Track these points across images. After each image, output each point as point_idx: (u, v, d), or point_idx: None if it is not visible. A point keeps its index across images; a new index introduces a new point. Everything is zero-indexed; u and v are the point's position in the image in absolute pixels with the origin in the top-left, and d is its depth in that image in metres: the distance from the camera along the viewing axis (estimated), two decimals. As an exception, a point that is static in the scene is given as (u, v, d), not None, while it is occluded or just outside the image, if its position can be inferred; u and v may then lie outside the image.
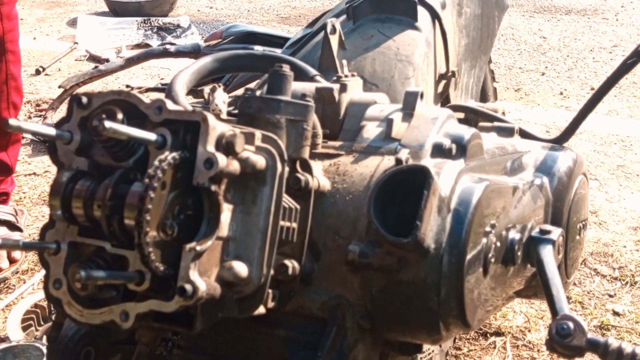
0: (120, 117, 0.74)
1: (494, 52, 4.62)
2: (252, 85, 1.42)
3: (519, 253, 1.03)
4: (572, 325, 0.90)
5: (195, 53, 2.99)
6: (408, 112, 1.01)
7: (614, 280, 2.19)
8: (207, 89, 1.16)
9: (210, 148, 0.72)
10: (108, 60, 4.38)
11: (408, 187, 0.85)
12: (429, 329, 0.92)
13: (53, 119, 3.35)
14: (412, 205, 0.84)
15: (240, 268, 0.76)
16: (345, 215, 0.91)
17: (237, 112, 0.92)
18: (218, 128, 0.73)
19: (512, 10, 6.10)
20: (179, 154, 0.71)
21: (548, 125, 3.58)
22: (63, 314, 0.78)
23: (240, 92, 2.34)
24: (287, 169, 0.80)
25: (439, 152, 0.96)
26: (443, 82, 1.55)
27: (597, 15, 6.20)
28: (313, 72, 1.16)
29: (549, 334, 0.91)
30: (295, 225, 0.86)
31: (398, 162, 0.90)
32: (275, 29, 4.20)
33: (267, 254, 0.78)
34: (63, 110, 3.42)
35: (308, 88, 1.05)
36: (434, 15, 1.50)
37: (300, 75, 1.14)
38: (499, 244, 0.99)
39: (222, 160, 0.72)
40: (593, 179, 2.86)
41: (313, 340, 0.91)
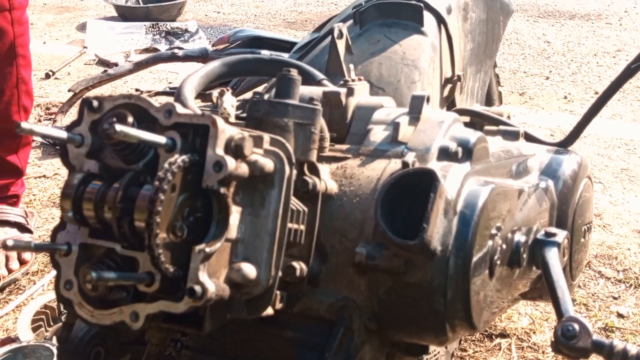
0: (131, 120, 0.75)
1: (499, 56, 4.62)
2: (260, 89, 1.43)
3: (525, 255, 1.04)
4: (577, 327, 0.90)
5: (203, 57, 2.99)
6: (414, 115, 1.01)
7: (618, 283, 2.19)
8: (215, 93, 1.17)
9: (220, 151, 0.72)
10: (117, 64, 4.39)
11: (415, 190, 0.86)
12: (436, 331, 0.92)
13: (63, 122, 3.37)
14: (418, 208, 0.84)
15: (249, 270, 0.77)
16: (353, 218, 0.91)
17: (245, 115, 0.92)
18: (227, 131, 0.73)
19: (516, 15, 6.10)
20: (189, 157, 0.72)
21: (552, 129, 3.58)
22: (74, 315, 0.78)
23: (248, 95, 2.35)
24: (295, 172, 0.80)
25: (445, 155, 0.97)
26: (449, 86, 1.55)
27: (600, 20, 6.19)
28: (320, 76, 1.17)
29: (555, 336, 0.91)
30: (303, 228, 0.86)
31: (405, 165, 0.91)
32: (282, 34, 4.21)
33: (275, 256, 0.78)
34: (72, 114, 3.44)
35: (315, 92, 1.06)
36: (440, 20, 1.50)
37: (308, 80, 1.14)
38: (505, 247, 0.99)
39: (231, 163, 0.72)
40: (597, 182, 2.86)
41: (320, 342, 0.91)
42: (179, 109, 0.75)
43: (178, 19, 6.07)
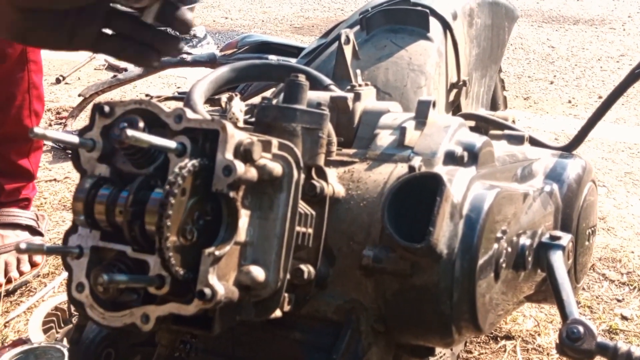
0: (142, 125, 0.75)
1: (504, 61, 4.62)
2: (268, 94, 1.44)
3: (530, 258, 1.04)
4: (582, 329, 0.91)
5: (211, 62, 3.01)
6: (421, 120, 1.02)
7: (622, 285, 2.19)
8: (224, 98, 1.18)
9: (229, 155, 0.73)
10: (126, 70, 4.41)
11: (421, 193, 0.86)
12: (442, 333, 0.92)
13: (73, 127, 3.39)
14: (425, 212, 0.85)
15: (258, 272, 0.77)
16: (360, 221, 0.92)
17: (253, 120, 0.93)
18: (236, 136, 0.74)
19: (521, 21, 6.10)
20: (199, 162, 0.72)
21: (557, 133, 3.58)
22: (85, 317, 0.78)
23: (256, 100, 2.36)
24: (302, 176, 0.80)
25: (451, 159, 0.97)
26: (454, 91, 1.56)
27: (604, 25, 6.19)
28: (328, 81, 1.17)
29: (560, 338, 0.92)
30: (311, 231, 0.87)
31: (411, 169, 0.91)
32: (289, 39, 4.22)
33: (283, 259, 0.79)
34: (83, 118, 3.46)
35: (323, 97, 1.07)
36: (446, 26, 1.51)
37: (315, 85, 1.15)
38: (510, 250, 0.99)
39: (240, 168, 0.73)
40: (601, 186, 2.87)
41: (328, 343, 0.92)
42: (189, 114, 0.75)
43: (186, 25, 6.08)
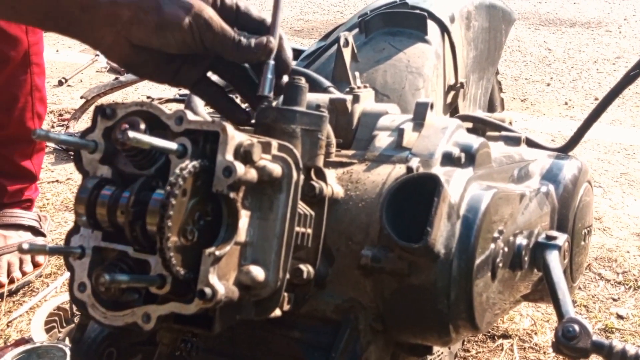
0: (143, 127, 0.76)
1: (501, 63, 4.63)
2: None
3: (526, 258, 1.05)
4: (577, 328, 0.91)
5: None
6: (418, 122, 1.02)
7: (618, 285, 2.21)
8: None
9: (229, 157, 0.74)
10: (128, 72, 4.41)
11: (419, 194, 0.87)
12: (439, 331, 0.93)
13: (75, 128, 3.39)
14: (422, 212, 0.85)
15: (258, 272, 0.78)
16: (358, 222, 0.93)
17: (254, 122, 0.93)
18: (236, 138, 0.75)
19: (518, 23, 6.12)
20: (199, 163, 0.73)
21: (553, 135, 3.60)
22: (87, 316, 0.79)
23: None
24: (302, 177, 0.81)
25: (449, 160, 0.98)
26: (452, 93, 1.56)
27: (600, 28, 6.21)
28: (327, 83, 1.18)
29: (556, 336, 0.93)
30: (310, 231, 0.87)
31: (409, 170, 0.92)
32: (289, 42, 4.23)
33: (283, 259, 0.79)
34: (85, 120, 3.46)
35: (322, 99, 1.08)
36: (443, 29, 1.52)
37: (315, 87, 1.16)
38: (507, 250, 1.00)
39: (240, 169, 0.73)
40: (597, 187, 2.88)
41: (327, 342, 0.92)
42: (190, 116, 0.76)
43: (186, 27, 6.09)
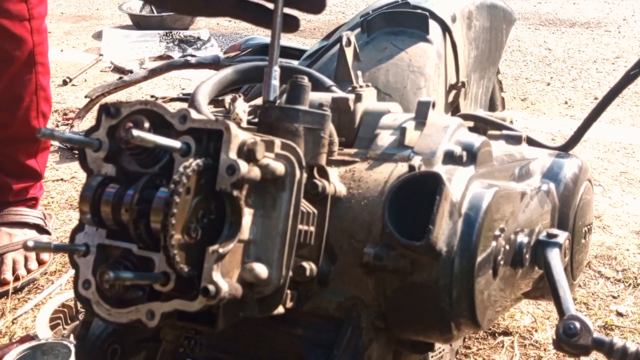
0: (147, 126, 0.76)
1: (502, 63, 4.64)
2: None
3: (527, 256, 1.05)
4: (578, 325, 0.92)
5: (215, 64, 3.03)
6: (420, 120, 1.03)
7: (618, 282, 2.21)
8: (227, 99, 1.19)
9: (233, 155, 0.74)
10: (132, 72, 4.44)
11: (421, 192, 0.87)
12: (441, 329, 0.93)
13: (79, 127, 3.41)
14: (424, 210, 0.86)
15: (261, 270, 0.78)
16: (361, 220, 0.93)
17: (257, 120, 0.93)
18: (240, 136, 0.75)
19: (518, 23, 6.12)
20: (203, 161, 0.73)
21: (553, 134, 3.60)
22: (92, 313, 0.79)
23: (259, 101, 2.37)
24: (305, 175, 0.81)
25: (450, 159, 0.98)
26: (453, 92, 1.57)
27: (600, 28, 6.20)
28: (329, 82, 1.18)
29: (556, 334, 0.93)
30: (313, 229, 0.87)
31: (411, 168, 0.93)
32: (291, 41, 4.24)
33: (286, 257, 0.80)
34: (89, 119, 3.48)
35: (325, 98, 1.08)
36: (445, 29, 1.52)
37: (317, 86, 1.16)
38: (508, 247, 1.00)
39: (243, 167, 0.74)
40: (597, 185, 2.89)
41: (329, 339, 0.92)
42: (194, 115, 0.76)
43: (191, 27, 6.11)
